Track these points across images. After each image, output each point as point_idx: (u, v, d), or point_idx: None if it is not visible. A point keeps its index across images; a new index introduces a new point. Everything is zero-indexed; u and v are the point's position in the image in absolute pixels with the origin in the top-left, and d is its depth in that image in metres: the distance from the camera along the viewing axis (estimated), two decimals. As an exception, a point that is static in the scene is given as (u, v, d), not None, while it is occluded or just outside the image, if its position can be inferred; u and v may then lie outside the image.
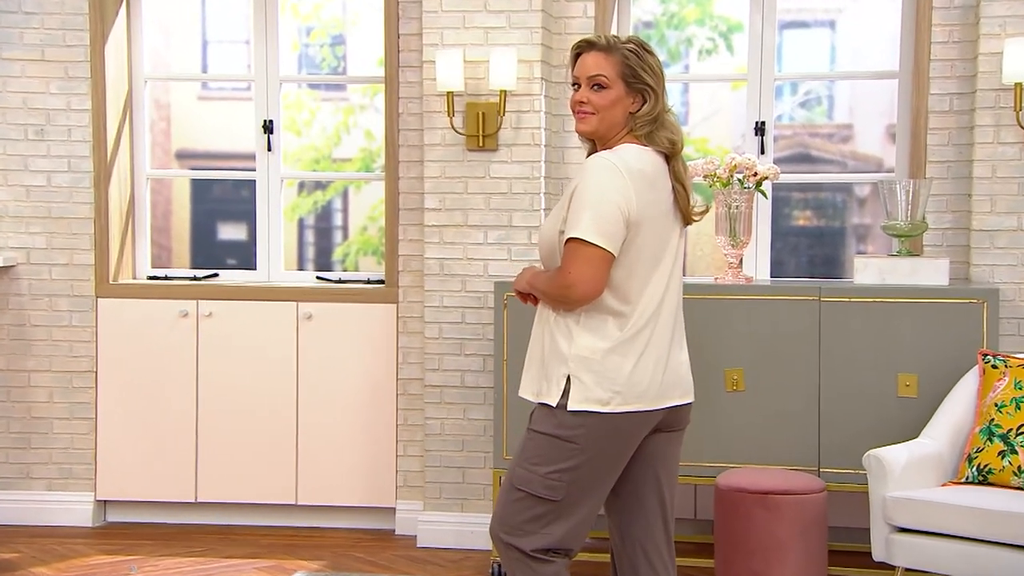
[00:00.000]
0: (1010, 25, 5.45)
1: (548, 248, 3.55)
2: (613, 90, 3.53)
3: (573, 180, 3.54)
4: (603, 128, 3.56)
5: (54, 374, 6.32)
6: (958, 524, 4.46)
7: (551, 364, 3.52)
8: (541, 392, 3.53)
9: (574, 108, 3.58)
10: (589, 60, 3.55)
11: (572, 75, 3.62)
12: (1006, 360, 4.89)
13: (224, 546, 5.93)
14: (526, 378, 3.64)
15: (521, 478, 3.53)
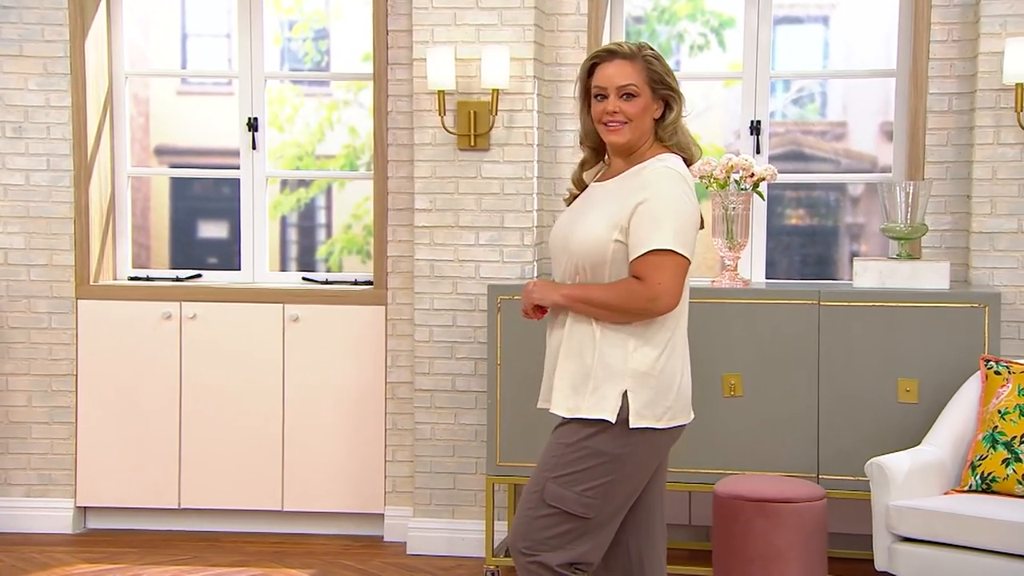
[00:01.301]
0: (1011, 24, 5.48)
1: (595, 254, 3.47)
2: (642, 98, 3.54)
3: (609, 187, 3.56)
4: (635, 137, 3.56)
5: (33, 377, 6.30)
6: (963, 534, 4.48)
7: (601, 379, 3.47)
8: (581, 408, 3.47)
9: (601, 119, 3.55)
10: (614, 69, 3.54)
11: (595, 85, 3.57)
12: (1009, 366, 4.91)
13: (210, 554, 5.92)
14: (558, 394, 3.53)
15: (554, 495, 3.49)
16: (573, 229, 3.56)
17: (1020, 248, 5.51)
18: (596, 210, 3.54)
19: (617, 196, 3.51)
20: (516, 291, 5.37)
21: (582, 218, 3.56)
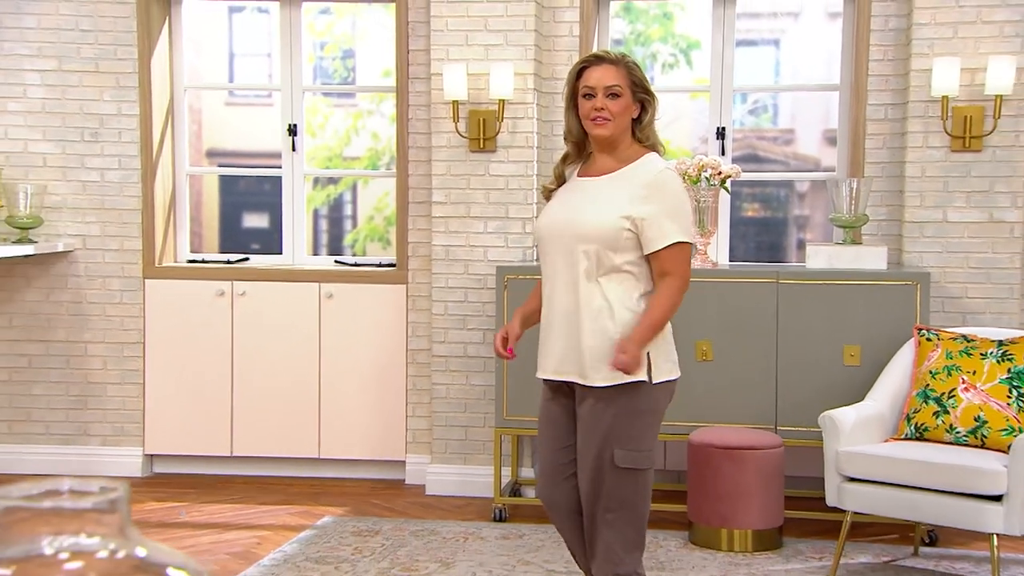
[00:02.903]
0: (937, 46, 5.52)
1: (608, 239, 3.40)
2: (624, 98, 3.50)
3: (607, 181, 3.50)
4: (617, 132, 3.52)
5: (107, 345, 6.31)
6: (900, 474, 4.50)
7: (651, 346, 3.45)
8: (617, 375, 3.38)
9: (589, 116, 3.49)
10: (601, 72, 3.50)
11: (583, 86, 3.51)
12: (938, 334, 4.96)
13: (258, 494, 5.95)
14: (591, 370, 3.42)
15: (625, 458, 3.43)
16: (581, 216, 3.46)
17: (945, 235, 5.56)
18: (604, 201, 3.47)
19: (625, 190, 3.47)
20: (519, 271, 5.41)
21: (589, 207, 3.47)
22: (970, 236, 5.56)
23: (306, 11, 6.42)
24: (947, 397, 4.73)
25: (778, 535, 5.11)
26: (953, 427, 4.69)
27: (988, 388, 4.69)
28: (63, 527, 0.83)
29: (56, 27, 6.24)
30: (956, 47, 5.51)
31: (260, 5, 6.65)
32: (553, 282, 3.53)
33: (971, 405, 4.69)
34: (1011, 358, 4.73)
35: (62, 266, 6.33)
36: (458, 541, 5.14)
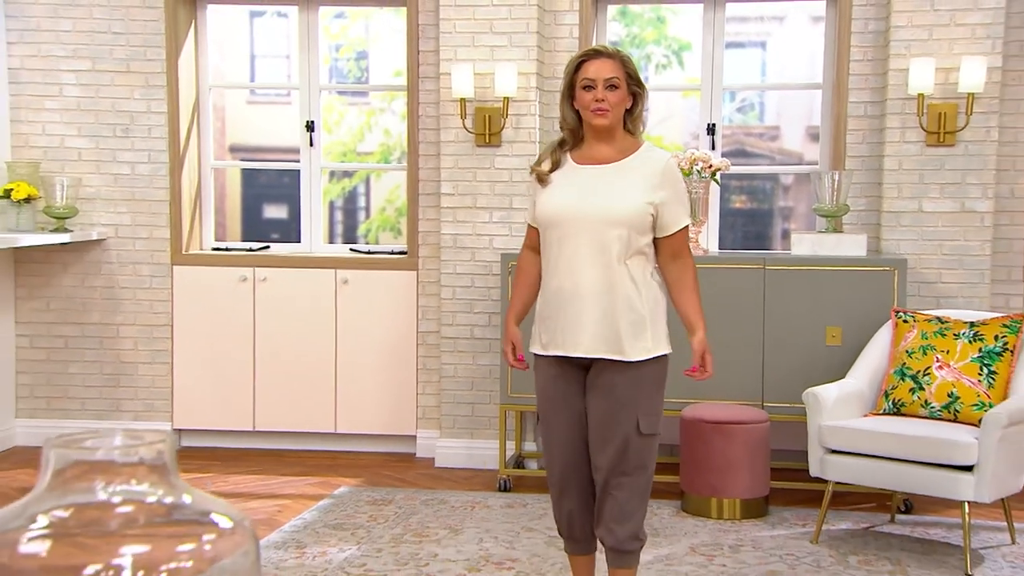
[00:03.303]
0: (914, 47, 5.53)
1: (638, 221, 3.42)
2: (621, 90, 3.48)
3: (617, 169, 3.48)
4: (614, 122, 3.49)
5: (138, 327, 6.34)
6: (878, 446, 4.53)
7: (655, 321, 3.49)
8: (649, 349, 3.45)
9: (590, 106, 3.46)
10: (601, 65, 3.47)
11: (583, 78, 3.47)
12: (914, 316, 4.97)
13: (278, 466, 5.97)
14: (625, 344, 3.43)
15: (649, 425, 3.48)
16: (609, 202, 3.43)
17: (921, 224, 5.57)
18: (626, 188, 3.45)
19: (641, 177, 3.46)
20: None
21: (615, 194, 3.44)
22: (944, 225, 5.56)
23: (322, 15, 6.42)
24: (922, 375, 4.75)
25: (764, 504, 5.13)
26: (928, 402, 4.70)
27: (961, 366, 4.71)
28: (115, 475, 0.84)
29: (90, 30, 6.25)
30: (931, 48, 5.51)
31: (279, 9, 6.64)
32: (573, 263, 3.46)
33: (945, 382, 4.70)
34: (982, 338, 4.74)
35: (96, 253, 6.34)
36: (466, 509, 5.16)
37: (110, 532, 0.83)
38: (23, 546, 0.82)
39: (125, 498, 0.84)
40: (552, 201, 3.51)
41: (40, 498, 0.84)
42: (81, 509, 0.83)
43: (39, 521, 0.83)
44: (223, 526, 0.88)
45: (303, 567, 4.36)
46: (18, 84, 6.29)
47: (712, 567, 4.37)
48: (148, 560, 0.82)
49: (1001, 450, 4.35)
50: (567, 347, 3.50)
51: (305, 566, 4.38)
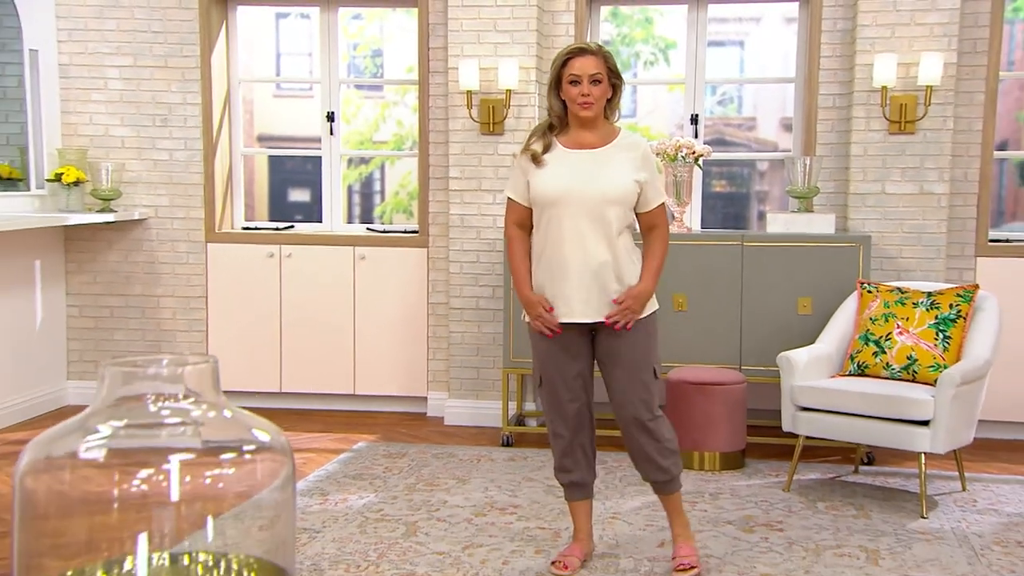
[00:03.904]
0: (878, 44, 5.53)
1: (629, 197, 3.51)
2: (603, 84, 3.51)
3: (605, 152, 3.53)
4: (597, 112, 3.54)
5: (176, 298, 6.35)
6: (844, 403, 4.55)
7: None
8: (647, 308, 3.60)
9: (576, 99, 3.48)
10: (585, 62, 3.49)
11: (569, 73, 3.48)
12: (877, 287, 4.98)
13: (303, 423, 5.98)
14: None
15: (655, 370, 3.62)
16: (605, 182, 3.47)
17: (883, 205, 5.58)
18: (615, 169, 3.51)
19: (624, 159, 3.53)
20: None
21: (609, 174, 3.49)
22: (904, 206, 5.57)
23: (341, 16, 6.41)
24: (884, 339, 4.77)
25: (741, 457, 5.15)
26: (889, 364, 4.72)
27: (919, 332, 4.72)
28: (164, 391, 0.86)
29: (132, 29, 6.24)
30: (893, 45, 5.51)
31: (302, 11, 6.64)
32: (576, 238, 3.48)
33: (904, 346, 4.72)
34: (938, 307, 4.76)
35: (138, 232, 6.35)
36: (472, 462, 5.19)
37: (159, 442, 0.85)
38: (83, 453, 0.83)
39: (172, 411, 0.86)
40: (550, 182, 3.53)
41: (97, 412, 0.86)
42: (133, 421, 0.85)
43: (97, 432, 0.84)
44: (262, 439, 0.90)
45: (326, 512, 4.39)
46: (67, 78, 6.29)
47: (695, 512, 4.40)
48: (193, 466, 0.84)
49: (954, 407, 4.38)
50: (574, 315, 3.54)
51: (328, 511, 4.40)
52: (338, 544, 4.00)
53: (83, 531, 0.85)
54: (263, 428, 0.90)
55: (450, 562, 3.82)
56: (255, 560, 0.90)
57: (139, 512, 0.85)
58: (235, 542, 0.88)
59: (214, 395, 0.89)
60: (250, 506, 0.89)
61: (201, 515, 0.85)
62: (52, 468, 0.83)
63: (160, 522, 0.85)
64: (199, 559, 0.87)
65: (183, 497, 0.85)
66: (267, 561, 0.90)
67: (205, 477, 0.85)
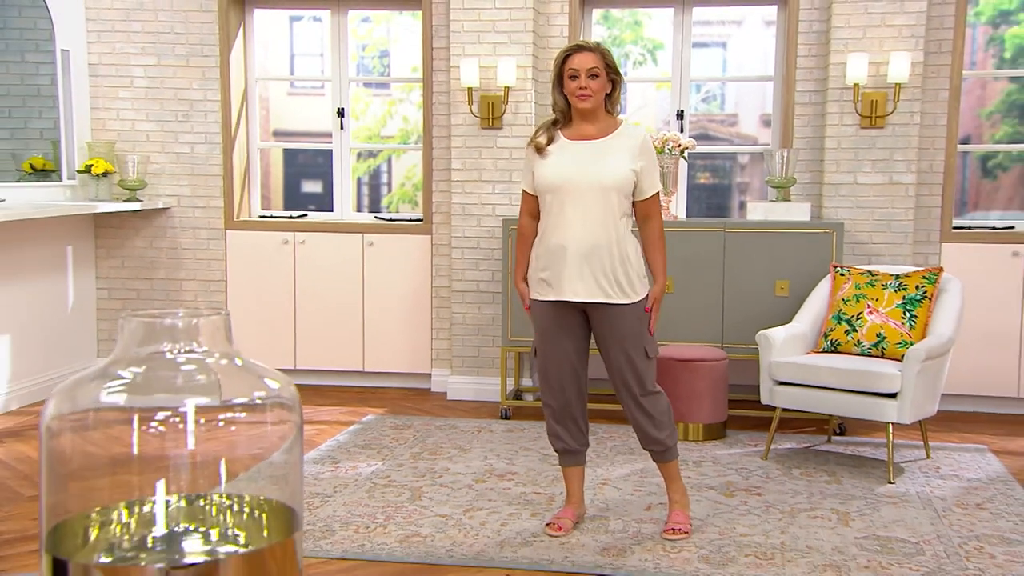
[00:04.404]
0: (851, 44, 5.52)
1: (626, 185, 3.49)
2: (601, 78, 3.51)
3: (604, 143, 3.51)
4: (596, 105, 3.53)
5: (197, 281, 6.34)
6: (818, 378, 4.55)
7: (642, 269, 3.58)
8: (639, 292, 3.55)
9: (575, 93, 3.49)
10: (583, 57, 3.50)
11: (569, 68, 3.50)
12: (849, 270, 4.99)
13: (317, 397, 5.98)
14: (632, 287, 3.52)
15: (652, 349, 3.58)
16: (605, 170, 3.46)
17: (855, 194, 5.58)
18: (614, 158, 3.49)
19: (623, 149, 3.50)
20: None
21: (607, 162, 3.48)
22: (874, 195, 5.56)
23: (351, 19, 6.40)
24: (856, 318, 4.78)
25: (723, 428, 5.16)
26: (860, 342, 4.73)
27: (887, 311, 4.72)
28: (179, 338, 0.86)
29: (156, 31, 6.22)
30: (865, 45, 5.50)
31: (315, 14, 6.62)
32: (575, 223, 3.49)
33: (874, 324, 4.72)
34: (905, 288, 4.76)
35: (161, 220, 6.34)
36: (472, 433, 5.19)
37: (176, 385, 0.85)
38: (104, 398, 0.83)
39: (188, 359, 0.86)
40: (552, 171, 3.54)
41: (117, 360, 0.86)
42: (151, 367, 0.85)
43: (118, 377, 0.84)
44: (272, 387, 0.90)
45: (337, 478, 4.40)
46: (96, 77, 6.28)
47: (678, 478, 4.40)
48: (208, 411, 0.84)
49: (919, 380, 4.38)
50: (565, 294, 3.55)
51: (339, 477, 4.41)
52: (348, 507, 4.00)
53: (105, 474, 0.85)
54: (274, 377, 0.90)
55: (452, 524, 3.82)
56: (266, 501, 0.90)
57: (157, 455, 0.84)
58: (247, 485, 0.88)
59: (227, 345, 0.89)
60: (262, 450, 0.89)
61: (215, 459, 0.85)
62: (75, 412, 0.83)
63: (177, 464, 0.85)
64: (214, 500, 0.87)
65: (198, 441, 0.85)
66: (278, 502, 0.90)
67: (219, 421, 0.85)
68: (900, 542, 3.67)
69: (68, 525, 0.84)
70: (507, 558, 3.49)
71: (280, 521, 0.89)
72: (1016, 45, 6.05)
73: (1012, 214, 6.02)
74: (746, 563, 3.46)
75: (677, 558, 3.50)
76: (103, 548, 0.85)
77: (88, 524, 0.85)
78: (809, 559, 3.50)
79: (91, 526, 0.85)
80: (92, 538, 0.85)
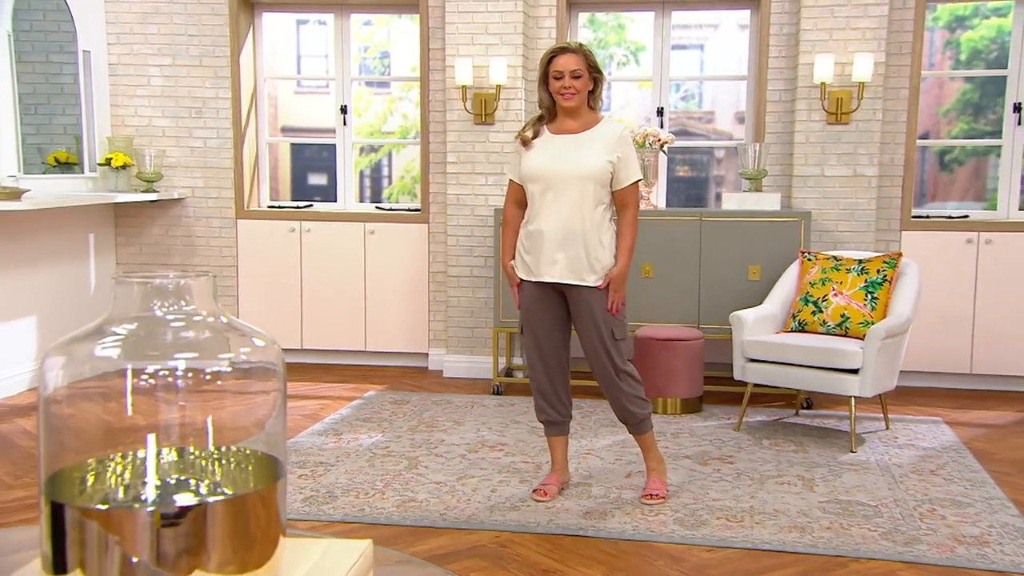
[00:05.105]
0: (818, 46, 5.51)
1: (603, 176, 3.47)
2: (584, 78, 3.50)
3: (584, 136, 3.50)
4: (579, 103, 3.53)
5: (211, 267, 6.29)
6: (787, 355, 4.56)
7: (613, 258, 3.54)
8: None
9: (559, 92, 3.49)
10: (567, 59, 3.49)
11: (553, 70, 3.49)
12: (816, 255, 4.99)
13: (322, 375, 5.99)
14: (600, 273, 3.50)
15: (621, 331, 3.55)
16: (582, 161, 3.46)
17: (822, 185, 5.57)
18: (592, 151, 3.48)
19: (601, 142, 3.50)
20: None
21: (585, 154, 3.47)
22: (840, 186, 5.56)
23: (353, 22, 6.37)
24: (821, 300, 4.78)
25: (699, 402, 5.16)
26: (825, 322, 4.74)
27: (851, 293, 4.73)
28: (168, 298, 0.85)
29: (171, 33, 6.19)
30: (831, 47, 5.49)
31: (320, 18, 6.59)
32: (554, 210, 3.48)
33: (838, 306, 4.72)
34: (867, 272, 4.76)
35: (177, 209, 6.32)
36: (466, 408, 5.19)
37: (166, 341, 0.85)
38: (99, 351, 0.83)
39: (177, 316, 0.85)
40: (535, 162, 3.56)
41: (110, 319, 0.85)
42: (142, 325, 0.85)
43: (110, 334, 0.84)
44: (257, 344, 0.89)
45: (340, 448, 4.40)
46: (116, 76, 6.25)
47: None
48: (196, 363, 0.84)
49: (879, 357, 4.39)
50: (543, 275, 3.56)
51: (342, 448, 4.41)
52: (350, 475, 4.01)
53: (100, 424, 0.85)
54: (258, 335, 0.90)
55: (446, 490, 3.83)
56: (252, 452, 0.90)
57: (150, 409, 0.84)
58: (234, 437, 0.88)
59: (213, 305, 0.89)
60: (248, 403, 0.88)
61: (204, 413, 0.85)
62: (71, 365, 0.82)
63: (168, 418, 0.85)
64: (202, 453, 0.87)
65: (188, 395, 0.84)
66: (263, 453, 0.90)
67: (206, 375, 0.84)
68: (860, 505, 3.69)
69: (65, 473, 0.83)
70: (496, 521, 3.49)
71: (265, 470, 0.89)
72: (971, 48, 6.05)
73: (967, 204, 6.03)
74: (717, 525, 3.47)
75: (654, 521, 3.50)
76: (98, 496, 0.84)
77: (84, 473, 0.84)
78: (776, 521, 3.51)
79: (87, 475, 0.85)
80: (88, 486, 0.85)
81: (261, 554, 0.84)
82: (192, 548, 0.81)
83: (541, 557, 3.19)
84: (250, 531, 0.83)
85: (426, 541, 3.32)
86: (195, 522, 0.80)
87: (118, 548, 0.78)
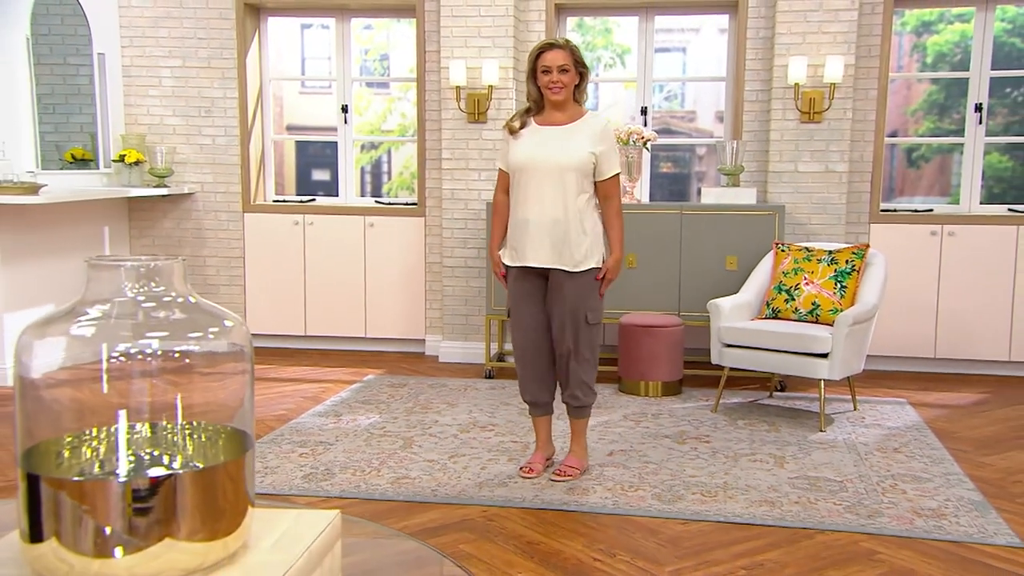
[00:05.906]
0: (792, 49, 5.49)
1: (585, 167, 3.45)
2: (570, 73, 3.49)
3: (567, 129, 3.48)
4: (566, 97, 3.51)
5: (219, 258, 6.31)
6: (761, 341, 4.56)
7: (597, 244, 3.52)
8: (590, 263, 3.50)
9: (548, 86, 3.47)
10: (554, 55, 3.47)
11: (541, 64, 3.47)
12: (789, 247, 4.98)
13: (324, 360, 5.98)
14: (578, 259, 3.47)
15: (593, 316, 3.52)
16: (565, 153, 3.44)
17: (796, 181, 5.56)
18: (575, 143, 3.47)
19: (585, 134, 3.49)
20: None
21: (568, 146, 3.45)
22: (812, 182, 5.55)
23: (354, 26, 6.35)
24: (794, 289, 4.78)
25: (679, 385, 5.16)
26: (798, 309, 4.73)
27: (821, 282, 4.72)
28: (138, 279, 0.84)
29: (181, 36, 6.16)
30: (805, 50, 5.47)
31: (322, 22, 6.56)
32: (537, 198, 3.46)
33: (810, 294, 4.72)
34: (837, 262, 4.75)
35: (187, 203, 6.30)
36: (460, 391, 5.19)
37: (137, 321, 0.84)
38: (73, 330, 0.82)
39: (147, 296, 0.84)
40: (521, 152, 3.54)
41: (84, 300, 0.85)
42: (114, 305, 0.84)
43: (85, 314, 0.83)
44: (226, 324, 0.89)
45: (339, 429, 4.39)
46: (129, 77, 6.22)
47: (639, 428, 4.41)
48: (167, 343, 0.83)
49: (848, 342, 4.39)
50: (527, 260, 3.55)
51: (341, 428, 4.41)
52: (347, 454, 4.00)
53: (74, 401, 0.84)
54: (227, 315, 0.89)
55: (438, 468, 3.82)
56: (222, 427, 0.89)
57: (122, 386, 0.83)
58: (204, 412, 0.88)
59: (183, 287, 0.88)
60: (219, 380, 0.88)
61: (175, 390, 0.84)
62: (46, 345, 0.82)
63: (139, 395, 0.84)
64: (173, 428, 0.86)
65: (159, 373, 0.84)
66: (232, 428, 0.89)
67: (174, 352, 0.84)
68: (827, 481, 3.69)
69: (42, 447, 0.83)
70: (485, 496, 3.49)
71: (234, 444, 0.89)
72: (936, 52, 6.03)
73: (932, 199, 6.02)
74: (693, 499, 3.47)
75: (633, 496, 3.50)
76: (75, 470, 0.84)
77: (60, 448, 0.84)
78: (748, 496, 3.51)
79: (63, 449, 0.84)
80: (65, 459, 0.84)
81: (230, 523, 0.84)
82: (162, 518, 0.80)
83: (526, 530, 3.19)
84: (218, 502, 0.82)
85: (418, 515, 3.32)
86: (165, 493, 0.80)
87: (91, 518, 0.78)
